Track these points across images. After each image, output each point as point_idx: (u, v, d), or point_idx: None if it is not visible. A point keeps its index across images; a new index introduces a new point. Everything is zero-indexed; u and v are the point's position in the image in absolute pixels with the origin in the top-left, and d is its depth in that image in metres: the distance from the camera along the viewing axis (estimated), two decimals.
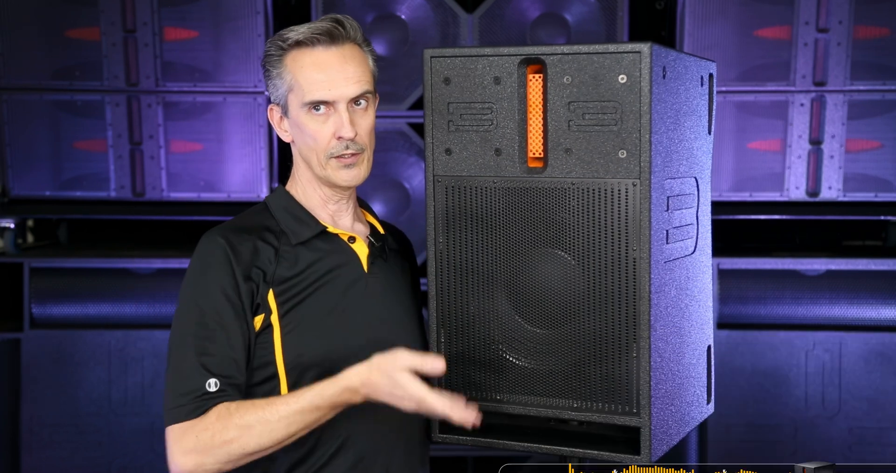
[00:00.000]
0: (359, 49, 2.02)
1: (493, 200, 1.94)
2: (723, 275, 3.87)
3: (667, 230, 1.92)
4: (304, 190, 2.07)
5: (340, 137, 1.98)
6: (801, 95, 3.92)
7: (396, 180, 4.02)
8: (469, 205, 1.96)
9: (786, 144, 3.94)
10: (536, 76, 1.90)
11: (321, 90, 1.97)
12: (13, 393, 3.94)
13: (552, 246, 1.90)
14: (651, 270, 1.85)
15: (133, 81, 4.01)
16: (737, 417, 3.86)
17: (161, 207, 4.09)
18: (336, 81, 1.97)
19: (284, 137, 2.07)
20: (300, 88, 1.98)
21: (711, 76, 2.14)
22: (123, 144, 4.04)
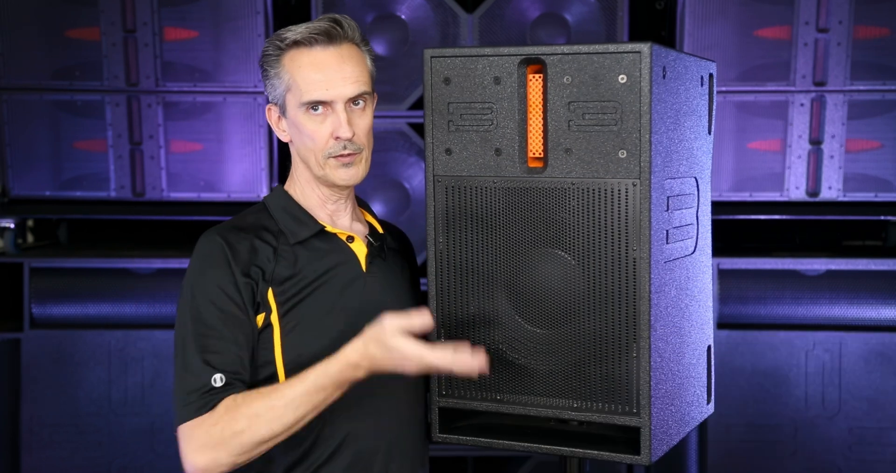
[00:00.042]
0: (357, 49, 2.02)
1: (493, 200, 1.94)
2: (723, 275, 3.86)
3: (667, 230, 1.92)
4: (303, 190, 2.07)
5: (338, 138, 1.98)
6: (801, 95, 3.92)
7: (396, 180, 4.02)
8: (469, 205, 1.96)
9: (786, 144, 3.94)
10: (536, 76, 1.90)
11: (319, 90, 1.97)
12: (13, 393, 3.94)
13: (552, 246, 1.90)
14: (651, 270, 1.85)
15: (133, 81, 4.01)
16: (737, 417, 3.85)
17: (161, 207, 4.09)
18: (334, 81, 1.97)
19: (282, 136, 2.07)
20: (298, 88, 1.98)
21: (711, 76, 2.14)
22: (123, 144, 4.04)
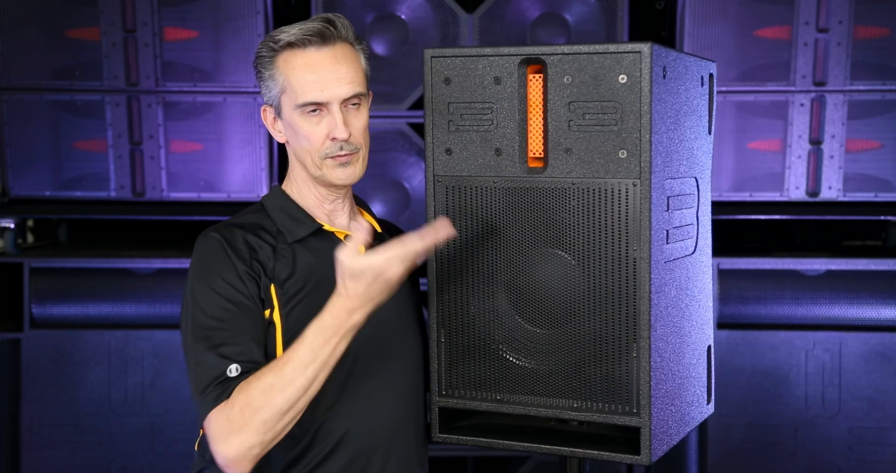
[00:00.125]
0: (351, 48, 2.02)
1: (494, 200, 1.94)
2: (723, 275, 3.86)
3: (667, 230, 1.92)
4: (300, 190, 2.07)
5: (335, 138, 1.98)
6: (801, 95, 3.92)
7: (396, 180, 4.01)
8: (469, 205, 1.96)
9: (786, 144, 3.94)
10: (537, 76, 1.90)
11: (314, 92, 1.97)
12: (13, 393, 3.93)
13: (552, 246, 1.90)
14: (651, 270, 1.85)
15: (133, 81, 4.01)
16: (737, 417, 3.85)
17: (161, 207, 4.09)
18: (328, 82, 1.97)
19: (278, 137, 2.07)
20: (293, 89, 1.98)
21: (711, 76, 2.14)
22: (123, 144, 4.04)
